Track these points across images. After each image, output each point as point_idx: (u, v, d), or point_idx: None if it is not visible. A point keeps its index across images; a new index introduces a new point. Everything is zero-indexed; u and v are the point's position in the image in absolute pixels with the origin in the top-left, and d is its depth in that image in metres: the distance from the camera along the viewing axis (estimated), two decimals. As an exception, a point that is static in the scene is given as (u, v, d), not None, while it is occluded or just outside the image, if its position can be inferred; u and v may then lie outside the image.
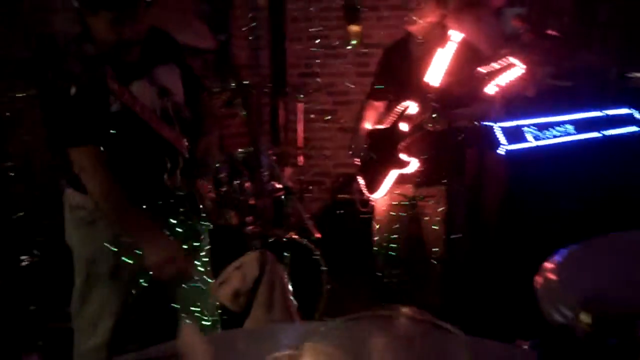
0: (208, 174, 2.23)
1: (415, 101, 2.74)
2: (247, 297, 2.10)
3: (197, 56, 3.31)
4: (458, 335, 0.79)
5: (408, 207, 2.97)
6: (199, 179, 2.18)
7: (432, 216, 2.88)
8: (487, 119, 2.90)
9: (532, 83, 3.67)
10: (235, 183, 3.22)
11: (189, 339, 1.12)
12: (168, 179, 2.06)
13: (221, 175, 2.82)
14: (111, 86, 1.83)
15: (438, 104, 2.47)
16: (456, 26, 3.56)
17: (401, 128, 2.78)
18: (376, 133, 2.96)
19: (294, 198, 3.27)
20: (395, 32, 4.20)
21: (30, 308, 2.94)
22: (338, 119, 4.86)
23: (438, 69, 2.70)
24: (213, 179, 2.30)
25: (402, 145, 2.77)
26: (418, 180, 2.84)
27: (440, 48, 2.73)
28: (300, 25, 4.77)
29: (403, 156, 2.78)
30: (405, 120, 2.77)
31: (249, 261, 2.03)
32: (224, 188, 2.85)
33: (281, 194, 3.43)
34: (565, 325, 0.77)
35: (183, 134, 2.12)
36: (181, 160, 2.10)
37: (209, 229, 2.30)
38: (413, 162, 2.77)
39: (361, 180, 3.03)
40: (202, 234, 2.26)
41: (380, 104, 3.04)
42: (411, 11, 2.76)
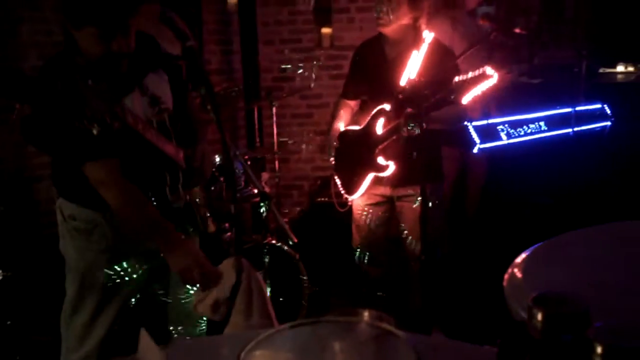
0: (204, 183, 2.21)
1: (389, 103, 2.74)
2: (227, 305, 2.08)
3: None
4: (408, 343, 0.79)
5: (386, 207, 2.97)
6: (195, 189, 2.17)
7: (410, 216, 2.89)
8: (462, 122, 2.91)
9: (503, 84, 3.71)
10: (211, 189, 3.20)
11: (145, 347, 1.11)
12: (170, 195, 2.05)
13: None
14: (128, 121, 1.80)
15: (412, 108, 2.47)
16: (430, 28, 3.59)
17: (376, 131, 2.78)
18: (349, 134, 2.96)
19: (271, 203, 3.25)
20: (366, 34, 4.23)
21: (7, 323, 2.89)
22: (314, 122, 4.86)
23: (412, 71, 2.71)
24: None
25: (380, 148, 2.77)
26: (395, 181, 2.84)
27: (414, 50, 2.74)
28: (271, 28, 4.75)
29: (380, 160, 2.78)
30: (380, 123, 2.77)
31: (225, 269, 2.02)
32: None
33: (258, 199, 3.41)
34: (523, 322, 0.78)
35: (180, 145, 2.10)
36: (181, 174, 2.09)
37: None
38: (390, 166, 2.77)
39: (338, 181, 3.03)
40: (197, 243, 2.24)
41: (353, 103, 3.05)
42: (384, 13, 2.75)
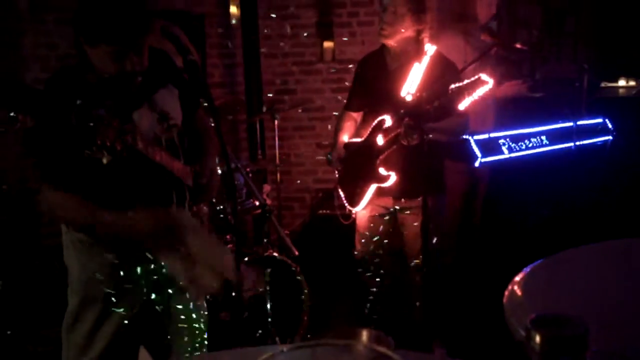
0: (210, 199, 2.21)
1: (390, 114, 2.75)
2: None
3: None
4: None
5: (389, 219, 2.98)
6: (201, 205, 2.17)
7: (411, 228, 2.89)
8: (463, 133, 2.92)
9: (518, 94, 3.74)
10: (213, 201, 3.21)
11: None
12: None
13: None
14: (139, 147, 1.80)
15: (411, 118, 2.49)
16: (442, 41, 3.61)
17: (377, 142, 2.79)
18: (352, 146, 2.97)
19: (272, 215, 3.25)
20: (367, 48, 4.25)
21: (7, 332, 2.89)
22: (316, 135, 4.87)
23: (413, 83, 2.72)
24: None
25: (381, 159, 2.78)
26: (397, 193, 2.85)
27: (416, 62, 2.75)
28: (274, 42, 4.78)
29: (382, 170, 2.79)
30: (381, 133, 2.78)
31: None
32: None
33: (259, 212, 3.41)
34: (522, 342, 0.77)
35: (187, 162, 2.10)
36: (188, 192, 2.09)
37: None
38: (392, 176, 2.78)
39: (341, 193, 3.03)
40: None
41: (357, 115, 3.06)
42: (388, 24, 2.77)
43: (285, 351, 0.82)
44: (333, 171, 3.11)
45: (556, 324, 0.75)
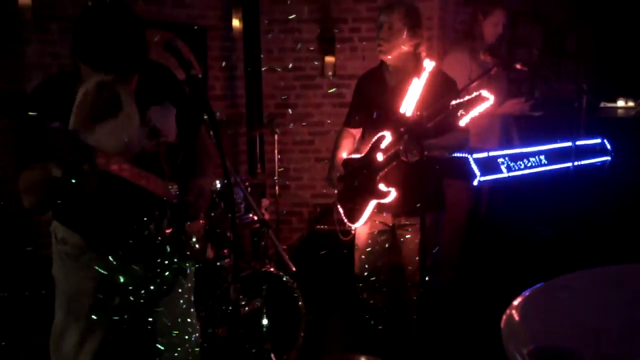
0: (197, 218, 2.19)
1: (389, 130, 2.76)
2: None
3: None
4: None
5: (388, 236, 2.97)
6: (187, 223, 2.15)
7: (410, 245, 2.89)
8: (463, 149, 2.92)
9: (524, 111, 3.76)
10: (211, 215, 3.20)
11: None
12: (155, 231, 2.03)
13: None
14: (99, 162, 1.77)
15: (411, 134, 2.49)
16: (449, 57, 3.62)
17: (377, 158, 2.79)
18: (352, 162, 2.97)
19: (270, 230, 3.25)
20: (368, 64, 4.27)
21: (1, 344, 2.88)
22: (315, 149, 4.87)
23: (412, 99, 2.73)
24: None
25: (381, 175, 2.78)
26: (396, 209, 2.84)
27: (415, 78, 2.76)
28: (275, 56, 4.80)
29: (382, 186, 2.79)
30: (380, 149, 2.79)
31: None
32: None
33: (257, 226, 3.41)
34: None
35: (173, 178, 2.09)
36: (169, 209, 2.07)
37: (195, 268, 2.28)
38: (392, 192, 2.78)
39: (340, 209, 3.03)
40: (187, 276, 2.23)
41: (356, 131, 3.06)
42: (384, 40, 2.78)
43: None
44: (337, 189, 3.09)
45: (554, 358, 0.75)
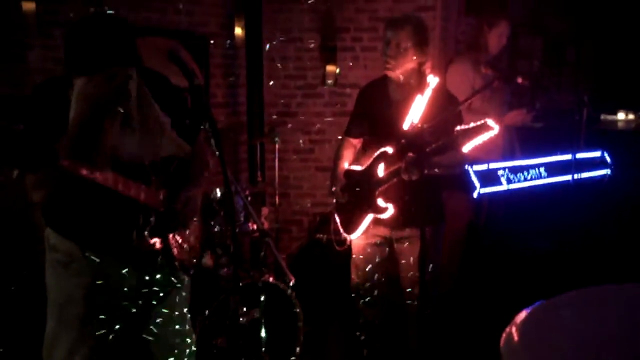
0: (185, 227, 2.19)
1: (391, 146, 2.76)
2: None
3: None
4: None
5: (385, 248, 2.97)
6: (174, 232, 2.15)
7: (408, 258, 2.89)
8: (462, 168, 2.93)
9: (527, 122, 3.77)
10: (211, 224, 3.20)
11: None
12: (136, 238, 2.03)
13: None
14: (64, 166, 1.79)
15: (413, 153, 2.50)
16: (452, 69, 3.62)
17: (377, 173, 2.79)
18: (352, 174, 2.97)
19: (270, 240, 3.25)
20: (370, 73, 4.27)
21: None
22: (315, 158, 4.88)
23: (415, 115, 2.73)
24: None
25: (380, 190, 2.78)
26: (394, 223, 2.85)
27: (418, 94, 2.76)
28: (277, 64, 4.81)
29: (380, 202, 2.79)
30: (381, 165, 2.79)
31: None
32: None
33: (257, 235, 3.41)
34: None
35: (162, 186, 2.09)
36: (153, 217, 2.07)
37: (189, 278, 2.27)
38: (389, 209, 2.78)
39: (337, 219, 3.03)
40: (180, 284, 2.22)
41: (356, 141, 3.07)
42: (391, 57, 2.78)
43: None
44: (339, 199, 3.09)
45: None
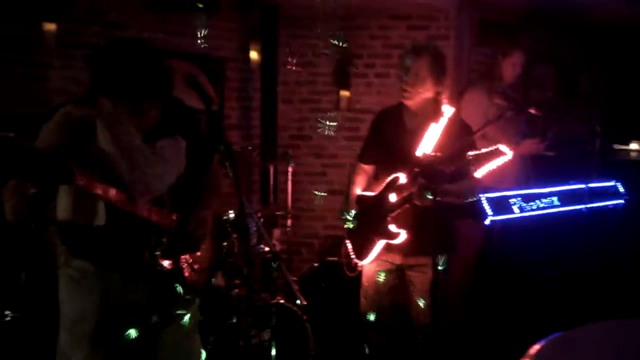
0: (196, 249, 2.21)
1: (404, 173, 2.77)
2: None
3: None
4: None
5: (396, 275, 2.96)
6: (186, 253, 2.17)
7: (419, 286, 2.88)
8: (473, 197, 2.92)
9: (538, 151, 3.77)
10: (223, 245, 3.22)
11: None
12: (148, 258, 2.05)
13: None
14: (80, 183, 1.80)
15: (426, 180, 2.51)
16: (466, 97, 3.65)
17: (390, 199, 2.80)
18: (364, 199, 2.98)
19: (282, 262, 3.26)
20: (383, 99, 4.32)
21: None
22: (327, 181, 4.90)
23: (429, 143, 2.74)
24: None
25: (392, 216, 2.79)
26: (405, 250, 2.84)
27: (433, 122, 2.78)
28: (291, 88, 4.87)
29: (392, 227, 2.80)
30: (393, 191, 2.79)
31: None
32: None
33: (269, 257, 3.42)
34: None
35: (173, 209, 2.11)
36: (165, 238, 2.09)
37: (199, 299, 2.29)
38: (402, 234, 2.79)
39: (349, 244, 3.03)
40: (190, 305, 2.24)
41: (369, 168, 3.08)
42: (409, 85, 2.80)
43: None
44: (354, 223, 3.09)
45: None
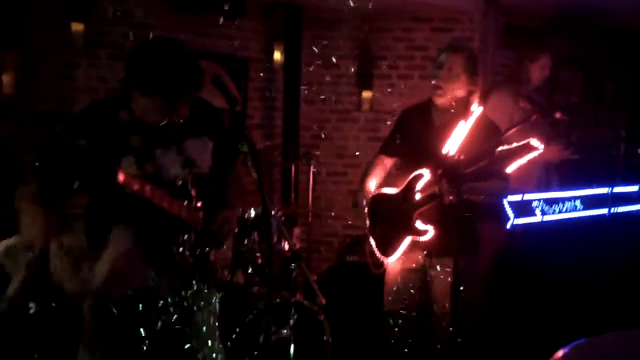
0: (219, 246, 2.25)
1: (429, 170, 2.76)
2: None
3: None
4: None
5: (419, 275, 2.95)
6: (212, 251, 2.21)
7: (441, 286, 2.87)
8: (502, 196, 2.90)
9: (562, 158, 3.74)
10: (244, 243, 3.25)
11: None
12: (177, 254, 2.10)
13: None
14: (120, 180, 1.87)
15: (452, 177, 2.50)
16: (492, 99, 3.63)
17: (414, 195, 2.79)
18: (386, 196, 2.96)
19: (302, 261, 3.28)
20: (406, 100, 4.32)
21: (34, 356, 2.93)
22: (348, 181, 4.92)
23: (456, 141, 2.72)
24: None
25: (417, 212, 2.78)
26: (430, 248, 2.83)
27: (462, 120, 2.76)
28: (313, 88, 4.90)
29: (419, 224, 2.79)
30: (418, 187, 2.78)
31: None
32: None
33: (289, 256, 3.45)
34: None
35: (200, 207, 2.16)
36: (193, 235, 2.14)
37: (220, 296, 2.32)
38: (430, 231, 2.77)
39: (372, 242, 3.03)
40: (212, 301, 2.28)
41: (389, 161, 3.06)
42: (443, 81, 2.79)
43: None
44: (362, 218, 3.09)
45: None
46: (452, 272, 2.41)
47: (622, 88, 5.65)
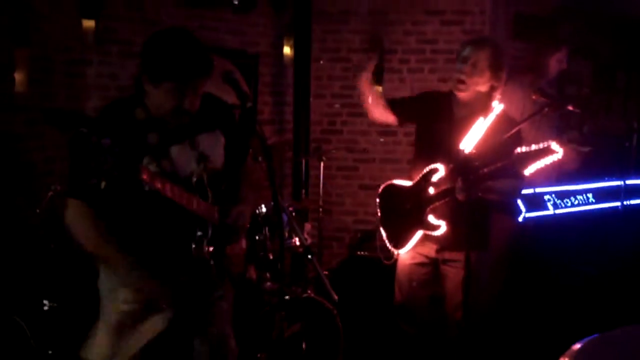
0: (234, 241, 2.27)
1: (444, 164, 2.76)
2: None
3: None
4: None
5: (430, 269, 2.96)
6: (228, 245, 2.23)
7: (453, 281, 2.87)
8: (516, 197, 2.87)
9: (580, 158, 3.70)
10: (256, 238, 3.27)
11: None
12: (195, 249, 2.11)
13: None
14: (144, 178, 1.89)
15: (467, 174, 2.48)
16: (505, 89, 3.60)
17: (428, 190, 2.79)
18: (398, 189, 2.97)
19: (313, 256, 3.29)
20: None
21: (48, 352, 2.97)
22: (358, 176, 4.92)
23: (474, 137, 2.71)
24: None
25: (431, 207, 2.78)
26: (441, 242, 2.84)
27: (481, 116, 2.74)
28: (324, 83, 4.89)
29: (431, 218, 2.79)
30: (432, 182, 2.78)
31: None
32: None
33: (300, 251, 3.46)
34: None
35: (216, 202, 2.18)
36: (210, 230, 2.15)
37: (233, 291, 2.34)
38: (442, 226, 2.77)
39: (384, 233, 3.03)
40: (226, 295, 2.29)
41: (390, 114, 2.99)
42: (467, 76, 2.75)
43: None
44: (374, 213, 3.10)
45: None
46: (464, 265, 2.40)
47: (634, 78, 5.60)
